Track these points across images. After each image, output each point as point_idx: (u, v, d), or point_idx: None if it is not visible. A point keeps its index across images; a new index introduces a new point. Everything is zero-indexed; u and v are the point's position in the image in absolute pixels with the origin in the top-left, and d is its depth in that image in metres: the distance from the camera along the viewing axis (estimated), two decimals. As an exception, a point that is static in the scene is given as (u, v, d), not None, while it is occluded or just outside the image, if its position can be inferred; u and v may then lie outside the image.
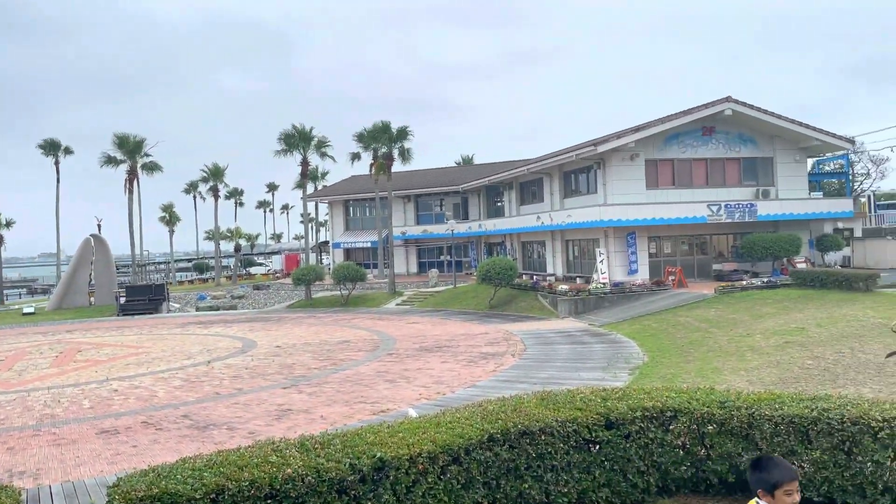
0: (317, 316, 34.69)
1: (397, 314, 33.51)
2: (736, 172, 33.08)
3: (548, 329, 24.42)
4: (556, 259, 37.31)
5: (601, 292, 28.44)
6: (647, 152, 31.65)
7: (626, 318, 24.84)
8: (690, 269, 32.34)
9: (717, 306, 23.88)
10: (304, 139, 48.11)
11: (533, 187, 41.06)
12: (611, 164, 31.23)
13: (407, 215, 52.71)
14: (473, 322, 28.12)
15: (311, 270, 40.64)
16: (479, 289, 36.35)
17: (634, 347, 19.44)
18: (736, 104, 31.03)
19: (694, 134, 32.38)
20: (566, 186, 36.63)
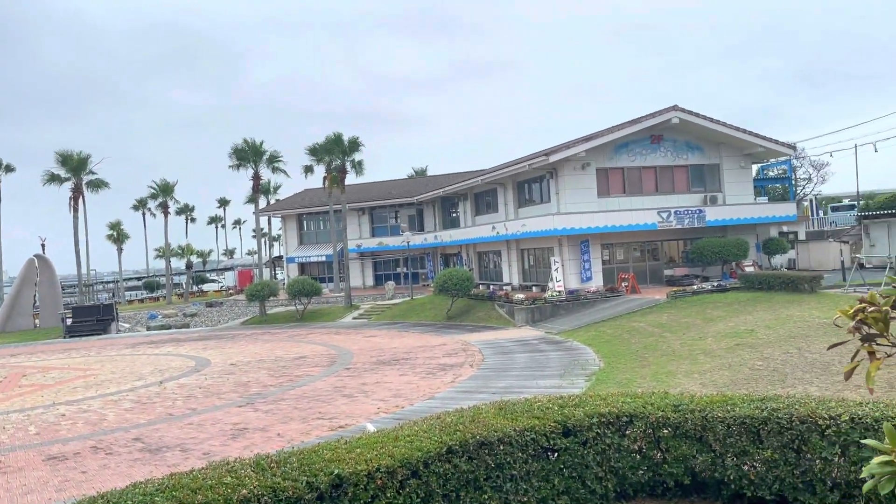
0: (272, 332, 34.20)
1: (354, 328, 33.24)
2: (684, 179, 33.78)
3: (505, 338, 24.48)
4: (512, 268, 37.52)
5: (557, 300, 28.63)
6: (597, 161, 32.11)
7: (581, 325, 25.06)
8: (643, 275, 32.85)
9: (669, 311, 24.29)
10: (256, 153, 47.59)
11: (487, 198, 41.26)
12: (563, 174, 31.59)
13: (362, 228, 52.46)
14: (431, 333, 28.05)
15: (264, 286, 40.12)
16: (436, 300, 36.30)
17: (590, 354, 19.61)
18: (682, 112, 31.74)
19: (643, 142, 32.99)
20: (520, 196, 36.89)
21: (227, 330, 37.85)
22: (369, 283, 52.63)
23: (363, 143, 42.88)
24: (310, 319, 38.63)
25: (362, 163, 43.19)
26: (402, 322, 33.85)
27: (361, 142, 42.84)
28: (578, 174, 31.62)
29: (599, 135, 31.42)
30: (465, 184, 40.46)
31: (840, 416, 6.39)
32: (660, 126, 32.36)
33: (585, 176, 31.70)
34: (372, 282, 52.67)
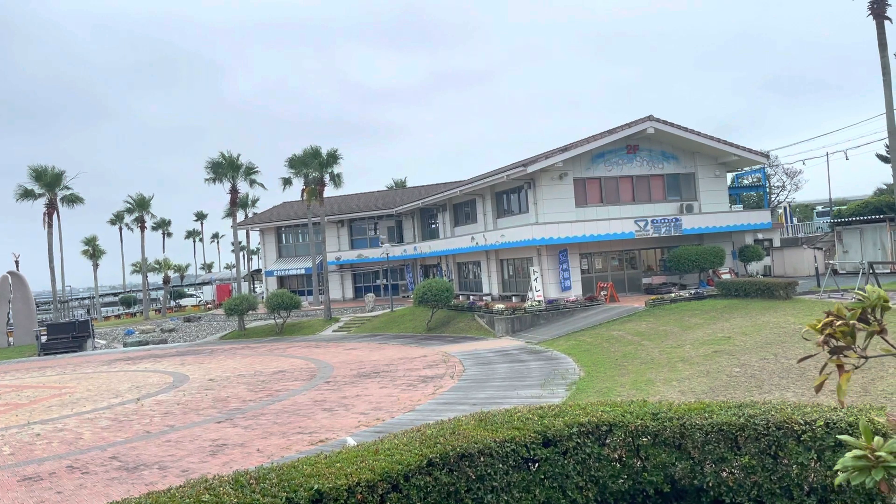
0: (251, 346, 33.92)
1: (334, 341, 33.07)
2: (661, 188, 34.11)
3: (486, 349, 24.51)
4: (492, 279, 37.59)
5: (537, 310, 28.72)
6: (575, 171, 32.34)
7: (561, 334, 25.14)
8: (621, 283, 33.05)
9: (648, 319, 24.45)
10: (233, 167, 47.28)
11: (466, 208, 41.34)
12: (541, 184, 31.76)
13: (341, 240, 52.29)
14: (411, 345, 28.00)
15: (243, 300, 39.82)
16: (416, 311, 36.24)
17: (570, 363, 19.67)
18: (657, 122, 32.09)
19: (619, 152, 33.29)
20: (499, 206, 37.01)
21: (206, 345, 37.47)
22: (349, 296, 52.43)
23: (341, 156, 42.89)
24: (289, 333, 38.37)
25: (341, 175, 43.10)
26: (383, 334, 33.74)
27: (340, 154, 42.82)
28: (556, 184, 31.81)
29: (576, 145, 31.66)
30: (444, 195, 40.54)
31: (815, 421, 6.47)
32: (636, 136, 32.69)
33: (563, 186, 31.90)
34: (352, 294, 52.47)
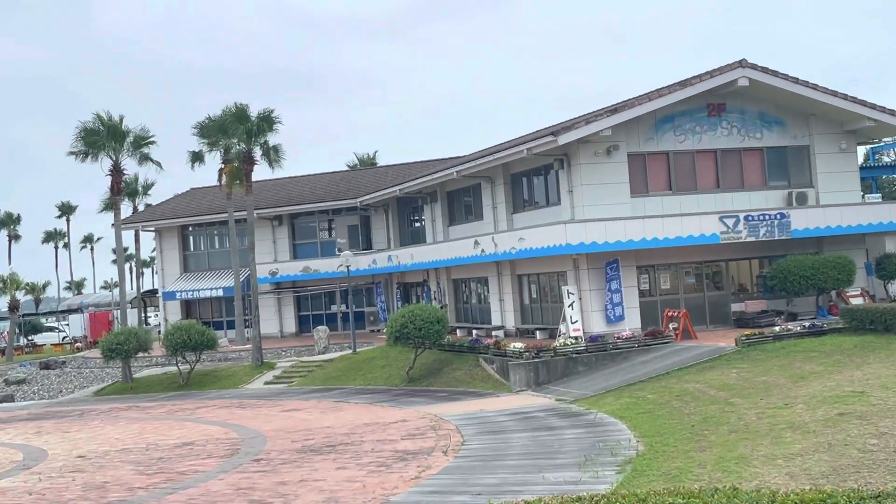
0: (142, 406, 33.79)
1: (267, 397, 32.93)
2: (758, 168, 34.17)
3: (496, 410, 24.37)
4: (506, 304, 37.55)
5: (573, 351, 28.66)
6: (630, 143, 32.36)
7: (609, 387, 25.05)
8: (700, 311, 33.06)
9: (739, 365, 24.39)
10: (115, 136, 47.07)
11: (467, 198, 41.29)
12: (579, 162, 31.79)
13: (278, 246, 52.22)
14: (384, 404, 27.90)
15: (130, 336, 39.66)
16: (391, 353, 36.13)
17: (624, 432, 19.62)
18: (754, 70, 32.19)
19: (696, 115, 33.36)
20: (516, 196, 36.97)
21: (74, 403, 37.29)
22: (290, 330, 52.28)
23: (279, 120, 42.59)
24: (199, 386, 38.21)
25: (278, 149, 42.91)
26: (341, 388, 33.57)
27: (277, 117, 42.58)
28: (602, 162, 31.85)
29: (632, 104, 31.72)
30: (435, 178, 40.59)
31: None
32: (721, 90, 32.78)
33: (612, 165, 31.94)
34: (294, 327, 52.33)
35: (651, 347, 28.84)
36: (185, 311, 53.79)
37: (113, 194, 50.05)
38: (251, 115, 42.30)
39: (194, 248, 55.71)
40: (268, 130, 42.49)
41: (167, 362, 41.89)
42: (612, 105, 33.41)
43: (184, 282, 53.46)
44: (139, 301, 70.53)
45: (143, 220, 58.16)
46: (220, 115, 43.26)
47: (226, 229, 51.01)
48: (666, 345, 29.02)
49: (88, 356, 51.56)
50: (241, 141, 42.55)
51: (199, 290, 52.04)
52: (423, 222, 46.38)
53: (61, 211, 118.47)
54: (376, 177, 54.14)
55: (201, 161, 48.99)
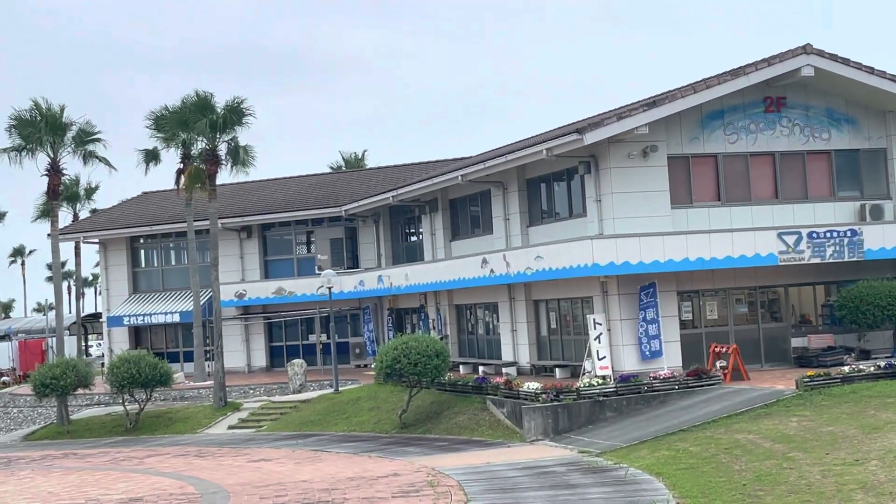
0: (80, 453, 33.68)
1: (232, 444, 32.82)
2: (825, 175, 34.13)
3: (506, 463, 24.27)
4: (519, 335, 37.49)
5: (599, 393, 28.54)
6: (671, 144, 32.34)
7: (643, 437, 24.97)
8: (753, 346, 32.97)
9: (801, 412, 24.26)
10: (54, 127, 47.16)
11: (474, 208, 41.27)
12: (609, 165, 31.74)
13: (247, 262, 52.21)
14: (372, 455, 27.78)
15: (67, 370, 39.60)
16: (380, 393, 36.05)
17: (661, 491, 19.49)
18: (820, 58, 32.16)
19: (751, 110, 33.34)
20: (532, 205, 36.98)
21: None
22: (259, 364, 52.21)
23: (251, 111, 42.43)
24: (150, 430, 38.08)
25: (248, 149, 42.84)
26: (320, 434, 33.45)
27: (248, 108, 42.41)
28: (636, 166, 31.80)
29: (673, 97, 31.68)
30: (436, 183, 40.62)
31: None
32: (781, 81, 32.80)
33: (649, 169, 31.90)
34: (264, 360, 52.26)
35: (694, 390, 28.71)
36: (133, 340, 53.70)
37: (49, 198, 50.12)
38: (216, 106, 42.17)
39: (146, 265, 55.70)
40: (236, 123, 42.31)
41: (112, 401, 41.78)
42: (649, 98, 33.39)
43: (133, 304, 53.38)
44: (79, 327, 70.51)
45: (85, 230, 58.02)
46: (179, 105, 43.31)
47: (184, 242, 51.04)
48: (712, 387, 28.88)
49: (17, 393, 51.42)
50: (203, 136, 42.53)
51: (152, 314, 51.97)
52: (420, 236, 46.33)
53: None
54: (365, 181, 54.13)
55: (156, 160, 49.09)
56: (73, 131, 47.82)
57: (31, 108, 46.62)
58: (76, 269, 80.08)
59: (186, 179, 44.39)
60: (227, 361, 43.89)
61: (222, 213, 47.07)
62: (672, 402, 28.17)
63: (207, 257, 46.50)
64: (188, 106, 42.61)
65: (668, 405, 27.94)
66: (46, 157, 47.37)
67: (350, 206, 48.30)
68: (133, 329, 53.83)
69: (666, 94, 32.69)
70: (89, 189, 77.87)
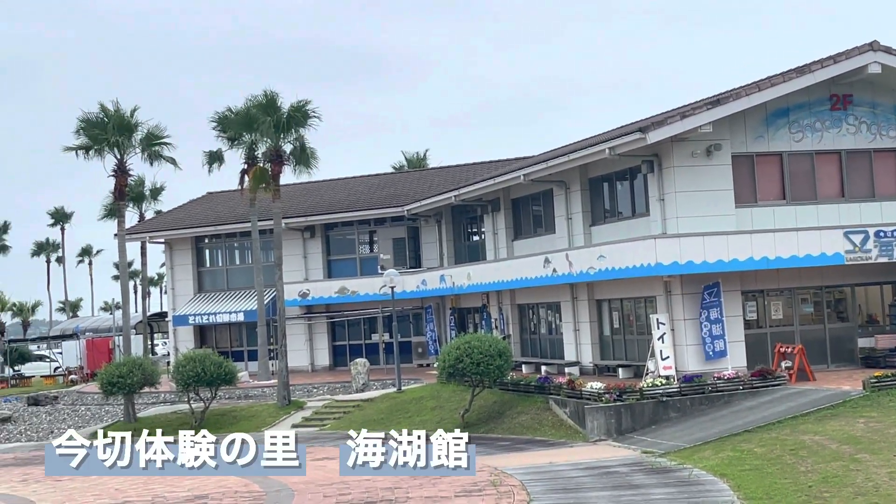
0: (147, 451, 34.05)
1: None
2: (891, 173, 33.77)
3: (569, 463, 24.30)
4: (582, 335, 37.44)
5: (662, 393, 28.51)
6: (735, 142, 32.14)
7: (707, 438, 24.92)
8: (819, 347, 32.69)
9: (868, 413, 24.04)
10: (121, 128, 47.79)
11: (536, 207, 41.25)
12: (672, 164, 31.64)
13: (310, 262, 52.50)
14: (434, 454, 27.84)
15: (134, 368, 40.03)
16: (442, 393, 36.11)
17: (725, 492, 19.46)
18: (887, 55, 31.79)
19: (817, 108, 33.03)
20: (595, 205, 36.91)
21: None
22: (323, 363, 52.48)
23: (316, 113, 42.57)
24: (215, 428, 38.34)
25: (311, 149, 43.04)
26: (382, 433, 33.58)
27: (314, 109, 42.53)
28: (700, 165, 31.65)
29: (738, 94, 31.49)
30: (498, 182, 40.64)
31: None
32: (848, 78, 32.48)
33: (712, 168, 31.74)
34: (328, 360, 52.51)
35: (759, 390, 28.55)
36: (198, 339, 54.19)
37: (116, 199, 50.73)
38: (281, 105, 42.37)
39: (211, 264, 56.21)
40: (301, 124, 42.47)
41: (177, 399, 42.16)
42: (713, 96, 33.16)
43: (198, 304, 53.91)
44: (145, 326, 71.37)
45: (151, 230, 58.70)
46: (243, 106, 43.69)
47: (248, 242, 51.46)
48: (777, 387, 28.70)
49: (84, 391, 52.15)
50: (268, 137, 42.78)
51: (216, 313, 52.43)
52: (482, 236, 46.36)
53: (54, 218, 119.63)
54: (427, 181, 54.21)
55: (220, 161, 49.49)
56: (142, 133, 48.41)
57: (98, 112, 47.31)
58: (142, 268, 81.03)
59: (251, 180, 44.70)
60: (291, 360, 44.10)
61: (286, 213, 47.36)
62: (736, 402, 28.04)
63: (271, 257, 46.91)
64: (254, 106, 42.91)
65: (733, 406, 27.82)
66: (114, 157, 48.02)
67: (412, 206, 48.43)
68: (198, 328, 54.34)
69: (730, 92, 32.48)
70: (155, 189, 78.80)
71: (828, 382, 28.86)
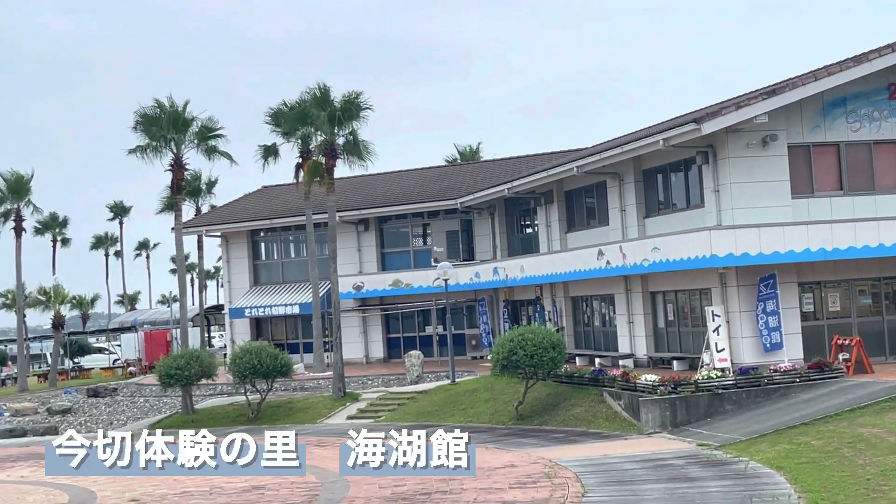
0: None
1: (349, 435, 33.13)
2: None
3: (623, 455, 24.28)
4: (636, 327, 37.34)
5: (718, 385, 28.35)
6: (791, 132, 31.87)
7: (763, 430, 24.79)
8: (877, 338, 32.43)
9: (928, 406, 23.76)
10: (177, 123, 48.19)
11: (589, 199, 41.13)
12: (727, 155, 31.44)
13: (364, 255, 52.67)
14: (489, 446, 27.87)
15: (191, 360, 40.34)
16: (496, 385, 36.12)
17: (782, 485, 19.33)
18: (946, 41, 31.45)
19: (875, 97, 32.68)
20: (649, 196, 36.80)
21: (125, 438, 38.09)
22: (377, 355, 52.64)
23: (369, 105, 42.72)
24: (271, 419, 38.63)
25: (365, 143, 43.09)
26: (436, 424, 33.45)
27: (366, 102, 42.63)
28: (756, 156, 31.44)
29: (794, 84, 31.26)
30: (551, 174, 40.58)
31: None
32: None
33: (768, 159, 31.52)
34: (382, 352, 52.68)
35: (816, 383, 28.30)
36: (254, 331, 54.57)
37: (173, 193, 51.25)
38: (334, 100, 42.50)
39: (266, 257, 56.54)
40: (354, 117, 42.55)
41: (234, 391, 42.51)
42: (769, 86, 32.93)
43: (254, 296, 54.29)
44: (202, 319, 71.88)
45: (207, 224, 59.17)
46: (297, 101, 43.88)
47: (303, 235, 51.71)
48: (834, 379, 28.45)
49: (143, 383, 52.71)
50: (321, 131, 42.94)
51: (272, 306, 52.76)
52: (535, 228, 46.29)
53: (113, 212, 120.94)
54: (480, 173, 54.18)
55: (275, 155, 49.69)
56: (196, 127, 48.84)
57: (153, 106, 47.79)
58: (199, 261, 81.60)
59: (305, 173, 44.92)
60: (346, 352, 44.38)
61: (340, 207, 47.58)
62: (793, 395, 27.84)
63: (326, 250, 47.10)
64: (307, 100, 43.11)
65: (789, 398, 27.63)
66: (170, 152, 48.51)
67: (465, 199, 48.46)
68: (254, 320, 54.70)
69: (786, 81, 32.24)
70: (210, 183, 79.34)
71: (886, 375, 28.55)
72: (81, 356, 77.54)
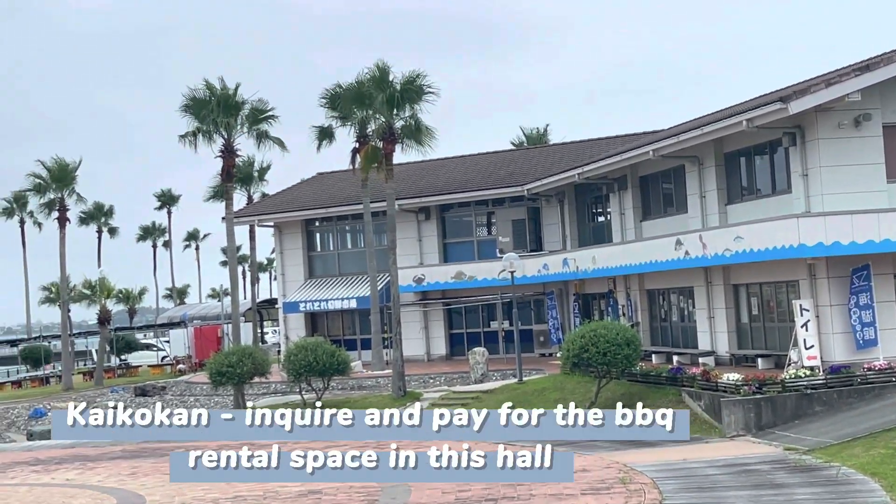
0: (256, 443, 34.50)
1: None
2: None
3: (704, 459, 24.18)
4: (717, 322, 37.09)
5: (806, 385, 28.12)
6: (886, 112, 31.47)
7: (857, 433, 24.51)
8: (981, 335, 31.87)
9: None
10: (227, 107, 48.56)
11: (665, 185, 40.92)
12: (816, 137, 31.12)
13: (425, 245, 52.73)
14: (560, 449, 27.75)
15: (243, 357, 40.64)
16: (566, 384, 36.07)
17: (877, 492, 19.18)
18: None
19: (977, 72, 32.16)
20: (731, 181, 36.52)
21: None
22: (439, 352, 52.73)
23: (432, 87, 42.41)
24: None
25: (428, 128, 42.88)
26: (503, 426, 33.65)
27: (429, 83, 42.36)
28: (848, 137, 31.11)
29: (889, 59, 30.88)
30: (625, 158, 40.47)
31: None
32: None
33: (861, 140, 31.19)
34: (444, 349, 52.76)
35: (914, 382, 27.94)
36: (309, 327, 54.90)
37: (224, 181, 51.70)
38: (394, 81, 42.29)
39: (322, 248, 56.85)
40: (415, 100, 42.30)
41: (288, 390, 42.79)
42: (861, 61, 32.45)
43: (309, 290, 54.57)
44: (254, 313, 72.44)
45: (259, 213, 59.56)
46: (353, 81, 43.99)
47: (360, 224, 51.91)
48: (934, 379, 28.06)
49: (193, 381, 53.21)
50: (380, 114, 42.86)
51: (328, 300, 53.01)
52: (608, 216, 46.12)
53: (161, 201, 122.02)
54: (548, 158, 54.07)
55: (330, 139, 49.98)
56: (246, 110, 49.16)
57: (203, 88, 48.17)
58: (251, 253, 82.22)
59: (362, 159, 45.02)
60: (406, 349, 44.40)
61: (400, 194, 47.63)
62: (889, 395, 27.47)
63: (384, 240, 47.24)
64: (363, 82, 43.14)
65: (885, 399, 27.27)
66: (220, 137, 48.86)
67: (533, 185, 48.37)
68: (309, 315, 55.01)
69: (881, 56, 31.76)
70: (262, 170, 79.85)
71: None
72: (128, 353, 78.41)
